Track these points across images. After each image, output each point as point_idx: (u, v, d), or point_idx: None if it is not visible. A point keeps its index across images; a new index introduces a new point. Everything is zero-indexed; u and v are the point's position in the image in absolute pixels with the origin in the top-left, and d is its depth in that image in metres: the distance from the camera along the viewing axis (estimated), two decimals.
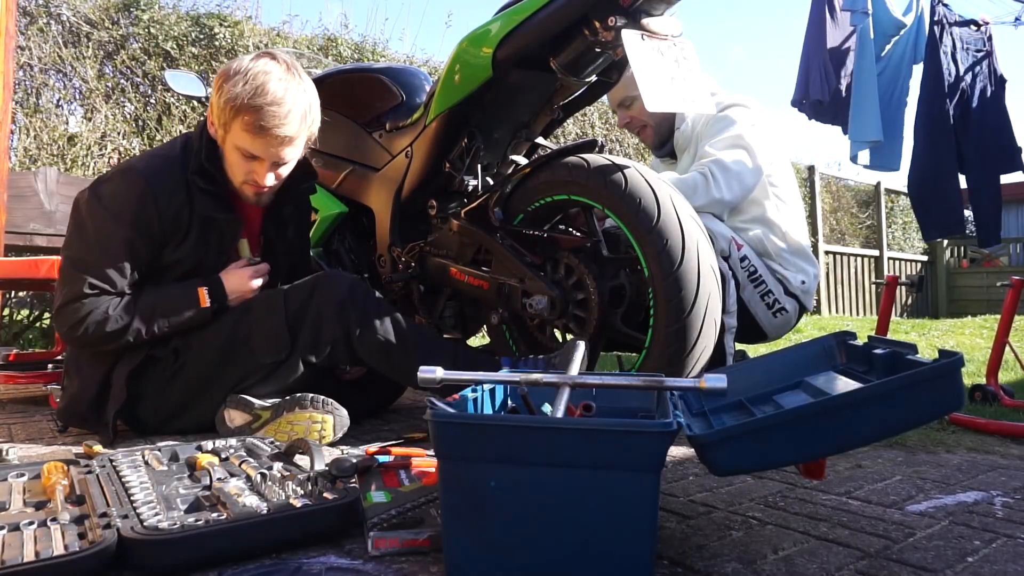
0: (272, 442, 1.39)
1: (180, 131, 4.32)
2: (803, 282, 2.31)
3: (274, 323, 1.66)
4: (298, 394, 1.63)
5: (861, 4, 3.81)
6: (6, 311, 3.92)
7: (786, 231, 2.33)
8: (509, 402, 1.18)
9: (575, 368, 1.08)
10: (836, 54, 3.97)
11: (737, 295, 2.09)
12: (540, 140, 2.10)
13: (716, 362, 1.78)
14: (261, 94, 1.58)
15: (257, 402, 1.64)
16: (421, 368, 1.08)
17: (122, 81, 4.25)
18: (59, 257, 2.28)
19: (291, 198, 1.89)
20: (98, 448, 1.43)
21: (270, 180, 1.71)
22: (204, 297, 1.66)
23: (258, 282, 1.76)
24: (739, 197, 2.23)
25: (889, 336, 2.27)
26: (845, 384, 1.15)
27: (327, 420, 1.59)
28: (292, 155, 1.72)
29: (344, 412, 1.63)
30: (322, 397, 1.62)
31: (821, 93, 3.88)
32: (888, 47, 3.99)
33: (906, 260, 9.87)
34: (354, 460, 1.20)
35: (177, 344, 1.67)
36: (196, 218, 1.68)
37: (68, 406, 1.71)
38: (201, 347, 1.67)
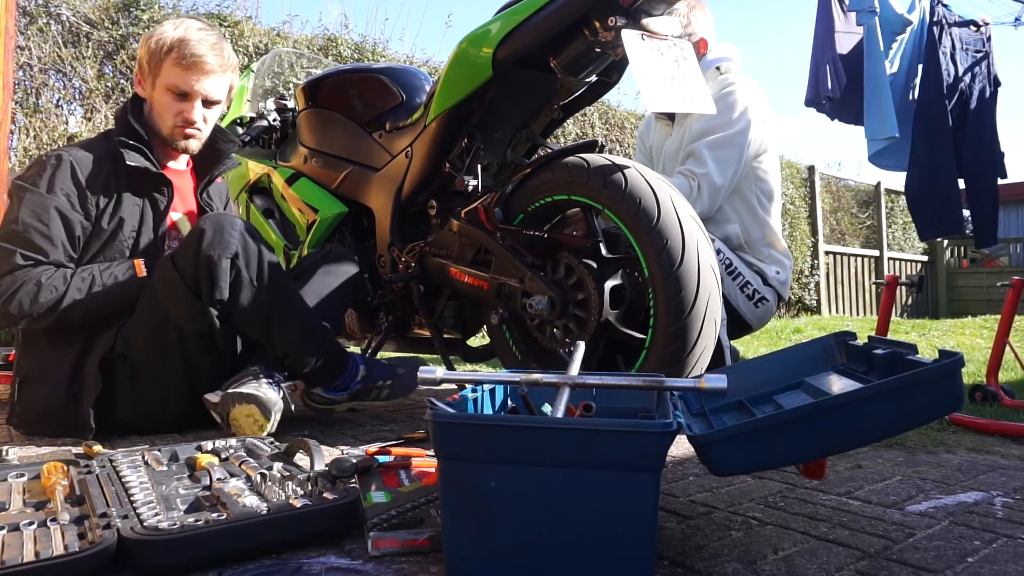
0: (272, 442, 1.39)
1: None
2: (778, 272, 2.39)
3: (178, 293, 1.60)
4: (230, 390, 1.59)
5: (867, 3, 3.80)
6: None
7: (765, 225, 2.37)
8: (509, 402, 1.19)
9: (575, 368, 1.08)
10: (846, 51, 3.95)
11: None
12: (540, 140, 2.10)
13: (715, 357, 1.79)
14: (189, 32, 1.76)
15: (210, 398, 1.61)
16: (421, 368, 1.08)
17: (122, 81, 4.25)
18: None
19: (218, 164, 1.94)
20: (98, 448, 1.43)
21: (198, 116, 1.80)
22: (140, 267, 1.66)
23: None
24: (714, 208, 2.35)
25: (889, 336, 2.27)
26: (845, 384, 1.14)
27: (253, 411, 1.55)
28: (218, 93, 1.83)
29: (270, 394, 1.58)
30: (245, 389, 1.57)
31: (833, 90, 3.87)
32: (896, 45, 3.98)
33: (906, 260, 9.87)
34: (354, 460, 1.20)
35: (120, 347, 1.64)
36: (124, 180, 1.72)
37: (37, 413, 1.67)
38: (138, 339, 1.64)
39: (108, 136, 1.79)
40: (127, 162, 1.71)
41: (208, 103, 1.82)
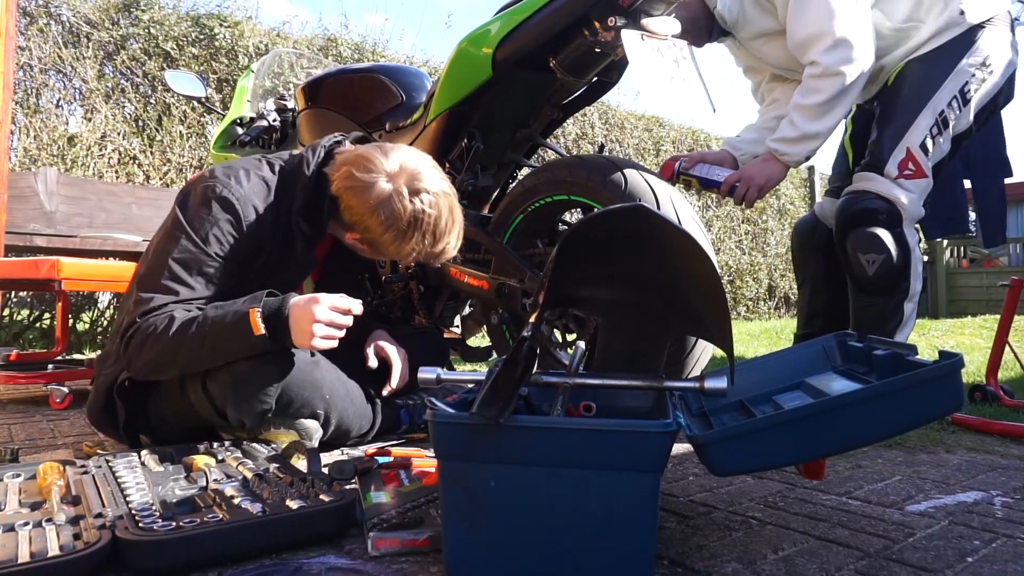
0: (268, 444, 1.39)
1: (180, 131, 4.32)
2: None
3: (208, 410, 1.45)
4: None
5: None
6: (6, 311, 3.91)
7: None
8: None
9: (575, 368, 1.08)
10: None
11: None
12: (540, 140, 2.10)
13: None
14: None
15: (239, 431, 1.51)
16: (421, 368, 1.07)
17: (122, 81, 4.25)
18: (57, 258, 2.29)
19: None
20: (96, 449, 1.43)
21: None
22: (256, 322, 1.34)
23: (328, 329, 1.36)
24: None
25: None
26: (845, 385, 1.14)
27: (292, 435, 1.48)
28: None
29: (307, 424, 1.49)
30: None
31: None
32: None
33: None
34: (354, 462, 1.20)
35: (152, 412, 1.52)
36: (276, 249, 1.52)
37: (91, 404, 1.57)
38: (167, 408, 1.51)
39: (285, 188, 1.52)
40: (294, 247, 1.51)
41: None
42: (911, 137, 1.89)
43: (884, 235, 1.88)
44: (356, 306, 1.41)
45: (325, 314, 1.35)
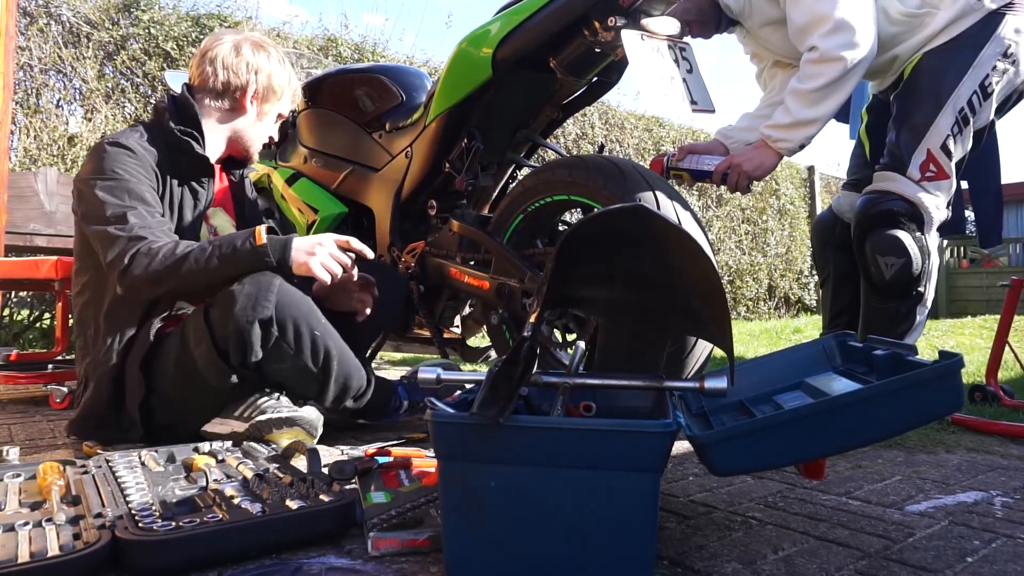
0: (268, 444, 1.39)
1: None
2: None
3: (205, 347, 1.49)
4: (263, 417, 1.52)
5: None
6: (6, 311, 3.91)
7: None
8: None
9: (575, 368, 1.08)
10: None
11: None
12: (540, 140, 2.10)
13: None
14: (288, 65, 1.83)
15: (236, 428, 1.54)
16: (421, 368, 1.08)
17: (122, 81, 4.25)
18: (58, 258, 2.29)
19: (247, 164, 1.92)
20: (97, 448, 1.43)
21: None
22: (261, 235, 1.50)
23: (329, 258, 1.52)
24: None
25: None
26: (845, 385, 1.14)
27: (297, 432, 1.51)
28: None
29: (309, 415, 1.53)
30: (283, 414, 1.51)
31: None
32: None
33: None
34: (354, 462, 1.20)
35: (152, 381, 1.56)
36: (173, 168, 1.66)
37: (83, 414, 1.60)
38: (164, 375, 1.56)
39: (153, 126, 1.71)
40: (195, 149, 1.67)
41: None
42: (932, 138, 1.83)
43: (905, 238, 1.84)
44: (356, 242, 1.58)
45: (329, 243, 1.53)
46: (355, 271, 1.64)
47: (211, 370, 1.49)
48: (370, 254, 1.60)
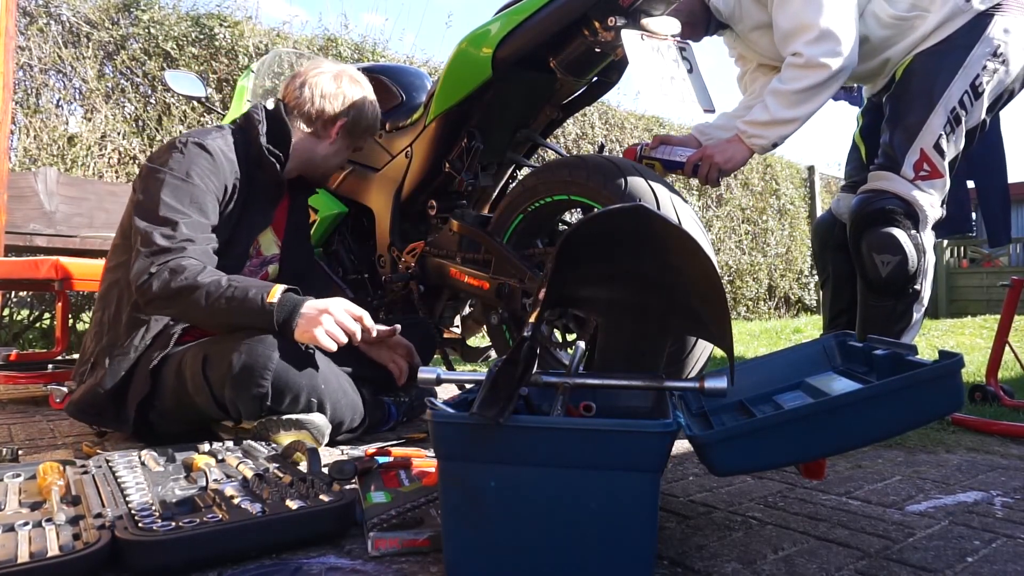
0: (269, 444, 1.39)
1: (180, 131, 4.31)
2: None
3: (204, 397, 1.48)
4: (271, 417, 1.51)
5: None
6: (6, 311, 3.91)
7: None
8: None
9: (575, 368, 1.08)
10: None
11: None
12: (540, 140, 2.10)
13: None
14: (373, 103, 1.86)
15: (244, 426, 1.54)
16: (420, 368, 1.08)
17: (122, 81, 4.25)
18: (57, 258, 2.29)
19: (309, 191, 1.95)
20: (97, 449, 1.43)
21: None
22: (275, 293, 1.45)
23: (335, 327, 1.45)
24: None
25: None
26: (845, 385, 1.14)
27: (304, 436, 1.50)
28: None
29: (316, 419, 1.52)
30: (290, 416, 1.50)
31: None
32: None
33: None
34: (354, 462, 1.20)
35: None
36: (245, 183, 1.65)
37: (84, 398, 1.59)
38: (167, 387, 1.54)
39: (240, 132, 1.70)
40: (276, 171, 1.68)
41: None
42: (924, 138, 1.86)
43: (901, 236, 1.85)
44: (367, 317, 1.51)
45: (338, 310, 1.46)
46: (387, 329, 1.63)
47: (211, 411, 1.52)
48: (370, 322, 1.51)
